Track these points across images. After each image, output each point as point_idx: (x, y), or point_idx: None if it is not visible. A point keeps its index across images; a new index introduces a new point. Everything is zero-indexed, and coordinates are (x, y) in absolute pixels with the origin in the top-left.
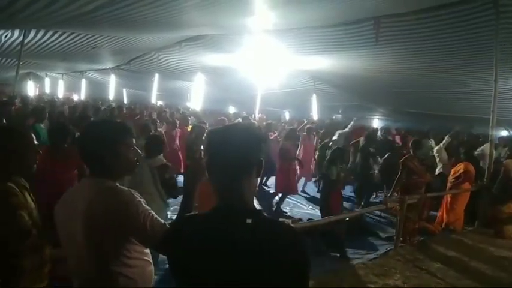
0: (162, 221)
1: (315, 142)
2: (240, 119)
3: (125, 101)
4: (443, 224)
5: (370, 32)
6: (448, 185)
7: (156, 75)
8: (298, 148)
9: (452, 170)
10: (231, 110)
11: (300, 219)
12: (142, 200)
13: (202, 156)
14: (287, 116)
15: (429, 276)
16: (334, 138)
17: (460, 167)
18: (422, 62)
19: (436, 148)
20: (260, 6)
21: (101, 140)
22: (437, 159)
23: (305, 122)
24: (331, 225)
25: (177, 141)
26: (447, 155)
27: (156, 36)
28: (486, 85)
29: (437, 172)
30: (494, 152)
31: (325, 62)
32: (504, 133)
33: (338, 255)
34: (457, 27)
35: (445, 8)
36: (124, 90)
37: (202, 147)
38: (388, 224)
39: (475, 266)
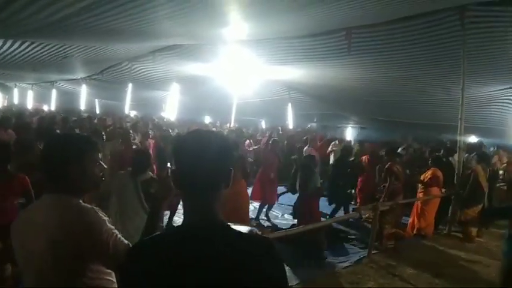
0: (126, 241)
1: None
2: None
3: (97, 112)
4: (415, 229)
5: (342, 43)
6: (418, 191)
7: (130, 85)
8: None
9: (422, 176)
10: (207, 119)
11: (270, 228)
12: (106, 218)
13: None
14: (263, 124)
15: (402, 283)
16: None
17: (428, 173)
18: (393, 71)
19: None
20: (234, 17)
21: (66, 154)
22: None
23: (269, 133)
24: (313, 235)
25: (151, 152)
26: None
27: (129, 46)
28: (454, 93)
29: None
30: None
31: (300, 72)
32: (473, 139)
33: (316, 264)
34: (426, 38)
35: (414, 19)
36: (96, 101)
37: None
38: (361, 231)
39: (447, 271)
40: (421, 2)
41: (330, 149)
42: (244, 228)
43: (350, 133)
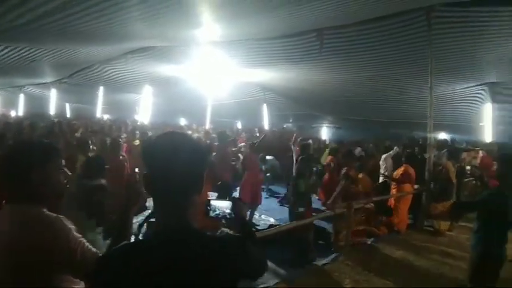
0: (94, 249)
1: None
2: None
3: (68, 116)
4: (389, 226)
5: (314, 44)
6: (392, 188)
7: (101, 88)
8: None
9: (394, 173)
10: (182, 121)
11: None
12: (72, 227)
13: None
14: (239, 126)
15: (378, 279)
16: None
17: (400, 170)
18: (364, 71)
19: (383, 156)
20: (206, 18)
21: (29, 160)
22: (383, 167)
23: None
24: (302, 234)
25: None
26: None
27: (101, 48)
28: (423, 92)
29: (381, 180)
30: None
31: (273, 73)
32: (442, 136)
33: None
34: (395, 38)
35: (383, 20)
36: (67, 105)
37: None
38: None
39: (421, 264)
40: (389, 3)
41: None
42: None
43: (325, 133)
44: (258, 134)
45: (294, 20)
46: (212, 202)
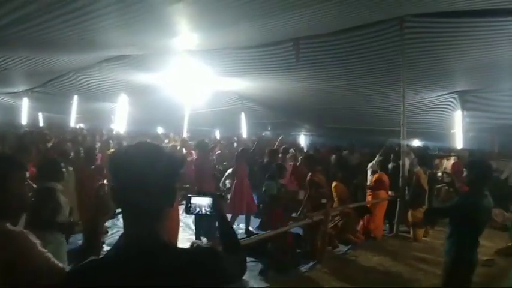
0: (61, 264)
1: None
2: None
3: (41, 126)
4: (366, 232)
5: (290, 53)
6: (367, 194)
7: (75, 97)
8: None
9: (370, 180)
10: (159, 130)
11: None
12: (37, 241)
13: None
14: (217, 134)
15: (355, 285)
16: None
17: (374, 177)
18: (341, 80)
19: (369, 164)
20: (183, 27)
21: None
22: (369, 173)
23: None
24: (279, 242)
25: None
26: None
27: (75, 57)
28: (397, 100)
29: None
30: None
31: (251, 82)
32: (416, 143)
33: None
34: (369, 47)
35: (358, 30)
36: (40, 115)
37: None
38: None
39: (397, 271)
40: (363, 14)
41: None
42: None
43: (303, 140)
44: (236, 144)
45: (271, 29)
46: (192, 199)
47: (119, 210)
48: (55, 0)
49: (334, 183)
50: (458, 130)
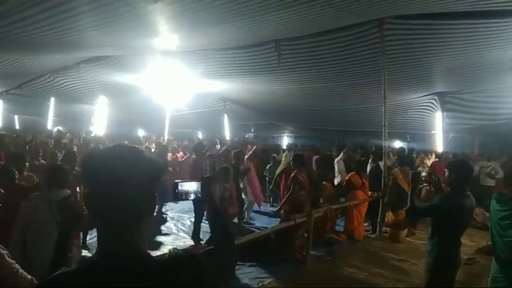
0: (29, 276)
1: None
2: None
3: (17, 128)
4: (346, 233)
5: (272, 54)
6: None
7: (52, 99)
8: None
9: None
10: (140, 133)
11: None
12: (5, 252)
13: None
14: (200, 136)
15: (338, 285)
16: None
17: (346, 178)
18: (321, 82)
19: (336, 159)
20: (162, 27)
21: None
22: (336, 171)
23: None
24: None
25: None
26: (344, 167)
27: (52, 58)
28: (378, 101)
29: (336, 183)
30: (387, 162)
31: (233, 83)
32: (397, 144)
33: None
34: (350, 49)
35: (338, 32)
36: (16, 117)
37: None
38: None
39: (379, 271)
40: (343, 16)
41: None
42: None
43: (285, 142)
44: (218, 146)
45: (252, 30)
46: (180, 185)
47: None
48: None
49: (324, 183)
50: (438, 131)
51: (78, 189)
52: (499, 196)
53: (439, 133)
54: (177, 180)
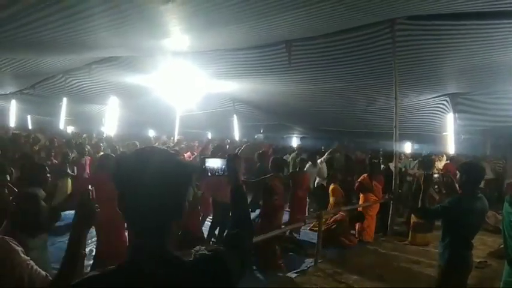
0: (44, 273)
1: None
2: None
3: (30, 128)
4: (356, 234)
5: (283, 55)
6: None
7: (64, 100)
8: None
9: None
10: (151, 133)
11: None
12: (19, 248)
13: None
14: (209, 136)
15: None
16: None
17: (358, 181)
18: (332, 82)
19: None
20: (174, 28)
21: None
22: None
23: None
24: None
25: (88, 170)
26: (327, 169)
27: (64, 58)
28: (389, 103)
29: (315, 184)
30: (399, 164)
31: (243, 84)
32: (409, 146)
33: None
34: (361, 50)
35: (349, 33)
36: (29, 117)
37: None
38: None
39: (390, 274)
40: (354, 17)
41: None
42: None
43: (295, 143)
44: (228, 146)
45: (263, 31)
46: (207, 161)
47: None
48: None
49: (331, 186)
50: (450, 132)
51: (90, 187)
52: (511, 199)
53: (450, 135)
54: (203, 156)
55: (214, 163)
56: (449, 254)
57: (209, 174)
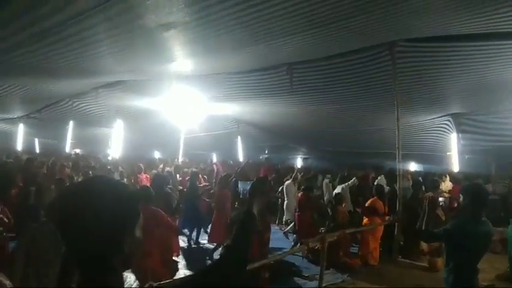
0: None
1: None
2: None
3: (37, 151)
4: (360, 257)
5: (285, 77)
6: (364, 219)
7: (71, 123)
8: None
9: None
10: (156, 154)
11: None
12: (7, 282)
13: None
14: (214, 158)
15: None
16: None
17: (368, 203)
18: (334, 103)
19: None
20: (178, 53)
21: None
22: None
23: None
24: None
25: None
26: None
27: (70, 83)
28: (391, 123)
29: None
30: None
31: (247, 106)
32: (413, 166)
33: None
34: (362, 72)
35: (350, 55)
36: (36, 140)
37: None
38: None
39: None
40: (354, 39)
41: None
42: None
43: (299, 164)
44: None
45: (264, 55)
46: (240, 183)
47: None
48: (46, 27)
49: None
50: (454, 152)
51: None
52: None
53: (454, 155)
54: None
55: (245, 185)
56: (454, 278)
57: (241, 196)
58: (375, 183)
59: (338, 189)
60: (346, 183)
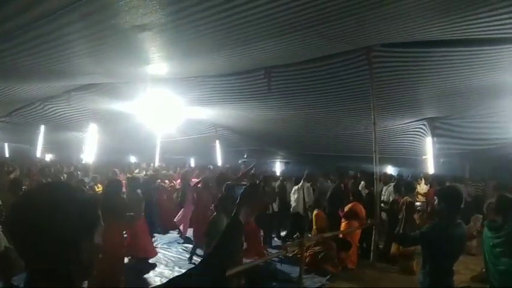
0: None
1: None
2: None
3: (7, 156)
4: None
5: (262, 81)
6: (342, 223)
7: (42, 127)
8: None
9: (344, 209)
10: (132, 159)
11: None
12: None
13: None
14: (192, 163)
15: None
16: None
17: (348, 207)
18: (312, 108)
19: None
20: (153, 55)
21: None
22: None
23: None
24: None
25: None
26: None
27: (41, 86)
28: (368, 127)
29: None
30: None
31: (225, 110)
32: (389, 170)
33: None
34: (339, 77)
35: (328, 59)
36: (6, 145)
37: None
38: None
39: None
40: (331, 45)
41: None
42: None
43: (278, 168)
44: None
45: (243, 58)
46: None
47: None
48: (14, 27)
49: (315, 212)
50: (429, 156)
51: None
52: (491, 223)
53: (430, 158)
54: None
55: (240, 190)
56: (430, 281)
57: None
58: (359, 187)
59: (292, 191)
60: (299, 185)
